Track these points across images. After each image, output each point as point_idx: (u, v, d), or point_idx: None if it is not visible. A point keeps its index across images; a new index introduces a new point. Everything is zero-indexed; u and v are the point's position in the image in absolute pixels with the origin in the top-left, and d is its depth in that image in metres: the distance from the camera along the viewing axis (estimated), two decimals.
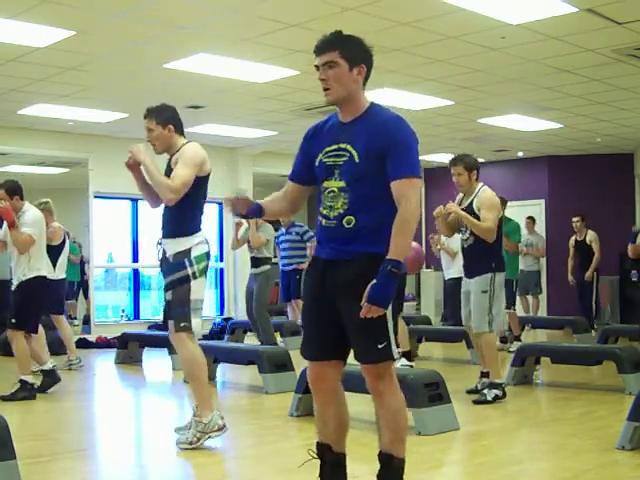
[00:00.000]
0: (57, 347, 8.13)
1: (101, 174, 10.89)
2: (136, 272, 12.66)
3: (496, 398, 5.58)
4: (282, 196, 3.18)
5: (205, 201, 4.44)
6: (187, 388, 6.67)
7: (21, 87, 8.26)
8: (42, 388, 6.28)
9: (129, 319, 12.34)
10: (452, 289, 10.40)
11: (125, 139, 9.85)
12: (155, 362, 8.53)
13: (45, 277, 6.20)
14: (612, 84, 8.52)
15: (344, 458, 3.05)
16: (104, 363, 8.88)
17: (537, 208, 13.77)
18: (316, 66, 2.90)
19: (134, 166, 4.30)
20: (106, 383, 7.80)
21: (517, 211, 12.90)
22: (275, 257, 9.57)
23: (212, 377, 6.97)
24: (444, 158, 13.88)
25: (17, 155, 10.88)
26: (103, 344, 10.15)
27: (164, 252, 4.33)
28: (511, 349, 9.01)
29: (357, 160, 2.84)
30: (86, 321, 11.72)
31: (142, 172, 4.32)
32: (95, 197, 11.14)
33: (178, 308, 4.25)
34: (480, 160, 15.23)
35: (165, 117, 4.33)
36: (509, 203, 13.38)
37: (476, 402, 5.58)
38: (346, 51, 2.86)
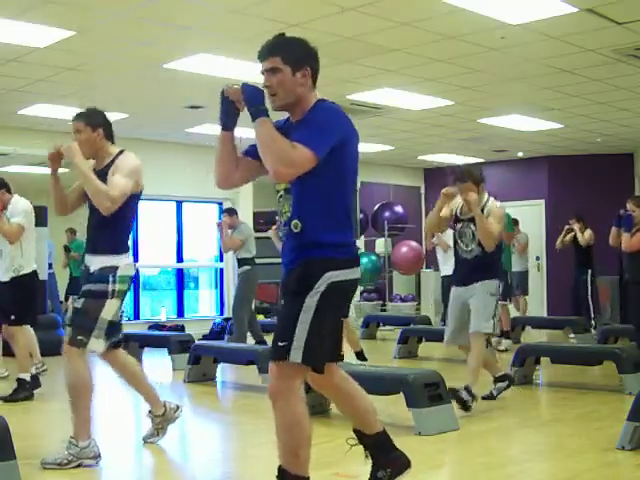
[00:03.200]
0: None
1: None
2: (136, 272, 12.64)
3: (463, 406, 5.19)
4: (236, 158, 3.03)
5: (134, 219, 4.30)
6: (187, 388, 6.69)
7: (21, 87, 8.26)
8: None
9: (129, 319, 12.34)
10: (448, 286, 10.41)
11: (125, 139, 9.79)
12: (155, 362, 8.52)
13: (36, 271, 6.18)
14: (612, 84, 8.52)
15: (380, 435, 3.11)
16: (104, 363, 8.85)
17: (537, 208, 13.78)
18: (261, 72, 2.89)
19: (55, 160, 4.12)
20: (106, 383, 7.78)
21: (517, 211, 12.90)
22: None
23: (212, 377, 6.98)
24: (444, 158, 13.91)
25: (17, 155, 10.86)
26: None
27: (87, 267, 4.13)
28: (500, 347, 9.02)
29: None
30: None
31: (58, 172, 4.16)
32: None
33: (82, 319, 4.02)
34: (480, 160, 15.31)
35: (95, 120, 4.16)
36: (509, 203, 13.47)
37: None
38: (288, 55, 2.83)
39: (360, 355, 7.85)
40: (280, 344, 2.79)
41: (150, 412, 4.49)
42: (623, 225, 7.08)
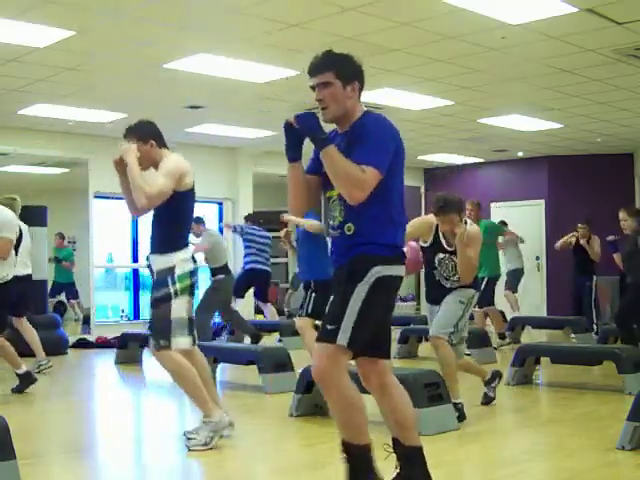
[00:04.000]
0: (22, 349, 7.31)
1: (101, 174, 10.86)
2: (136, 272, 12.65)
3: None
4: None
5: (191, 217, 4.43)
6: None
7: (21, 87, 8.26)
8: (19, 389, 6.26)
9: (129, 319, 12.35)
10: None
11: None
12: (155, 362, 8.51)
13: (9, 281, 6.11)
14: (612, 84, 8.52)
15: (415, 450, 3.14)
16: (104, 363, 8.87)
17: (537, 208, 13.77)
18: (312, 87, 3.03)
19: (121, 165, 4.22)
20: (106, 383, 7.80)
21: (517, 211, 12.93)
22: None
23: (212, 377, 6.97)
24: (444, 158, 13.91)
25: (17, 155, 10.88)
26: (103, 344, 10.15)
27: (151, 268, 4.33)
28: (504, 343, 9.02)
29: None
30: (86, 321, 11.72)
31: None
32: (95, 197, 11.14)
33: (158, 326, 4.22)
34: (480, 160, 15.28)
35: (145, 133, 4.30)
36: (509, 203, 13.51)
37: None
38: (340, 71, 2.99)
39: None
40: (329, 327, 2.93)
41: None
42: (621, 248, 7.27)
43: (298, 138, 3.02)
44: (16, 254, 6.42)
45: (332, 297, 3.05)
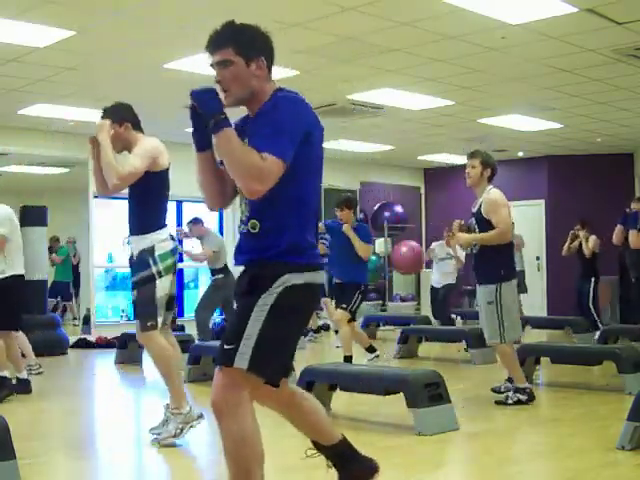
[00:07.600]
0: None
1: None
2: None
3: (518, 402, 5.43)
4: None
5: (167, 197, 4.39)
6: (187, 388, 6.69)
7: (21, 87, 8.26)
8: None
9: (129, 319, 12.32)
10: (443, 297, 10.42)
11: None
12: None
13: (22, 275, 6.06)
14: (612, 84, 8.52)
15: (339, 445, 2.89)
16: (104, 363, 8.87)
17: (537, 208, 13.78)
18: (211, 65, 2.63)
19: (96, 145, 4.26)
20: (106, 383, 7.79)
21: (517, 211, 12.88)
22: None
23: (212, 377, 6.97)
24: (444, 158, 13.91)
25: (17, 155, 10.87)
26: (103, 344, 10.15)
27: (131, 252, 4.34)
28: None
29: None
30: (86, 321, 11.71)
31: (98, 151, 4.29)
32: (95, 197, 11.13)
33: (144, 307, 4.24)
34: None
35: (120, 115, 4.32)
36: (509, 203, 13.47)
37: (497, 402, 5.55)
38: (241, 46, 2.59)
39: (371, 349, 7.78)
40: (226, 347, 2.49)
41: (168, 405, 4.49)
42: (629, 223, 7.05)
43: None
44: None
45: (235, 310, 2.64)
